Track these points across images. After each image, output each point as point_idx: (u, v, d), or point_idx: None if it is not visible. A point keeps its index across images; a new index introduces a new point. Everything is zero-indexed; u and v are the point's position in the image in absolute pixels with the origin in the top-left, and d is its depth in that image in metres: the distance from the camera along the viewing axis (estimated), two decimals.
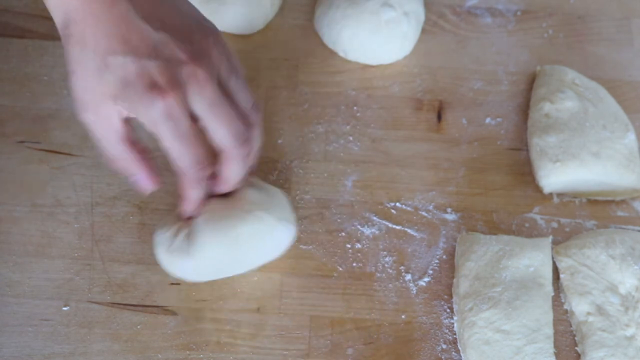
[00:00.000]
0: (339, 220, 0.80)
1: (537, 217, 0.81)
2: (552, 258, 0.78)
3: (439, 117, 0.87)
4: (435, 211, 0.81)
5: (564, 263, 0.77)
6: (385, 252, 0.78)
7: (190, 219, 0.70)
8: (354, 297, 0.76)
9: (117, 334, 0.73)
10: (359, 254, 0.78)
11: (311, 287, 0.76)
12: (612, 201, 0.83)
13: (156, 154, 0.67)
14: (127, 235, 0.77)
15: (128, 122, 0.63)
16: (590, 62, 0.92)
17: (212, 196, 0.70)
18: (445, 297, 0.76)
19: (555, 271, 0.77)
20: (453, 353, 0.74)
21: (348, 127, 0.85)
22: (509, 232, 0.80)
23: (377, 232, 0.79)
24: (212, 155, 0.65)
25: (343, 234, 0.79)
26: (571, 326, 0.75)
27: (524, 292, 0.73)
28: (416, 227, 0.80)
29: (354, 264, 0.78)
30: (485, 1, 0.95)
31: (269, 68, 0.89)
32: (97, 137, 0.64)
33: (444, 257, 0.78)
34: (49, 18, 0.89)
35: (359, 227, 0.80)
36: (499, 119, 0.87)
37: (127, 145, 0.64)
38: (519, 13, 0.95)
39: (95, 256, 0.76)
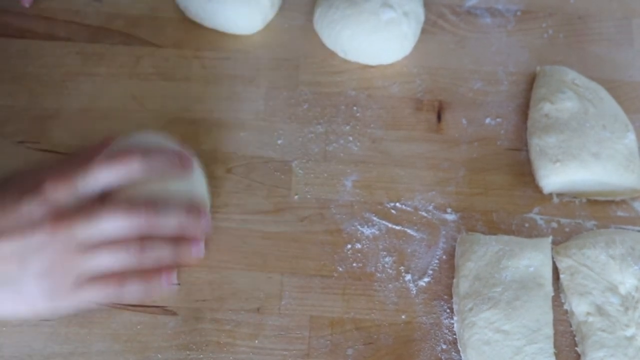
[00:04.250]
0: (339, 220, 0.80)
1: (537, 217, 0.81)
2: (552, 258, 0.78)
3: (439, 117, 0.87)
4: (435, 211, 0.81)
5: (564, 263, 0.77)
6: (385, 252, 0.78)
7: None
8: (354, 297, 0.76)
9: (117, 334, 0.73)
10: (359, 254, 0.78)
11: (311, 287, 0.76)
12: (612, 201, 0.83)
13: None
14: None
15: None
16: (590, 62, 0.91)
17: None
18: (445, 297, 0.76)
19: (555, 271, 0.77)
20: (453, 353, 0.74)
21: (348, 127, 0.85)
22: (508, 232, 0.80)
23: (377, 232, 0.79)
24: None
25: (343, 234, 0.79)
26: (571, 326, 0.75)
27: (524, 292, 0.73)
28: (416, 227, 0.80)
29: (354, 264, 0.78)
30: (485, 1, 0.95)
31: (269, 68, 0.89)
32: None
33: (444, 257, 0.78)
34: (49, 18, 0.90)
35: (359, 227, 0.79)
36: (499, 119, 0.87)
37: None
38: (518, 13, 0.95)
39: None
